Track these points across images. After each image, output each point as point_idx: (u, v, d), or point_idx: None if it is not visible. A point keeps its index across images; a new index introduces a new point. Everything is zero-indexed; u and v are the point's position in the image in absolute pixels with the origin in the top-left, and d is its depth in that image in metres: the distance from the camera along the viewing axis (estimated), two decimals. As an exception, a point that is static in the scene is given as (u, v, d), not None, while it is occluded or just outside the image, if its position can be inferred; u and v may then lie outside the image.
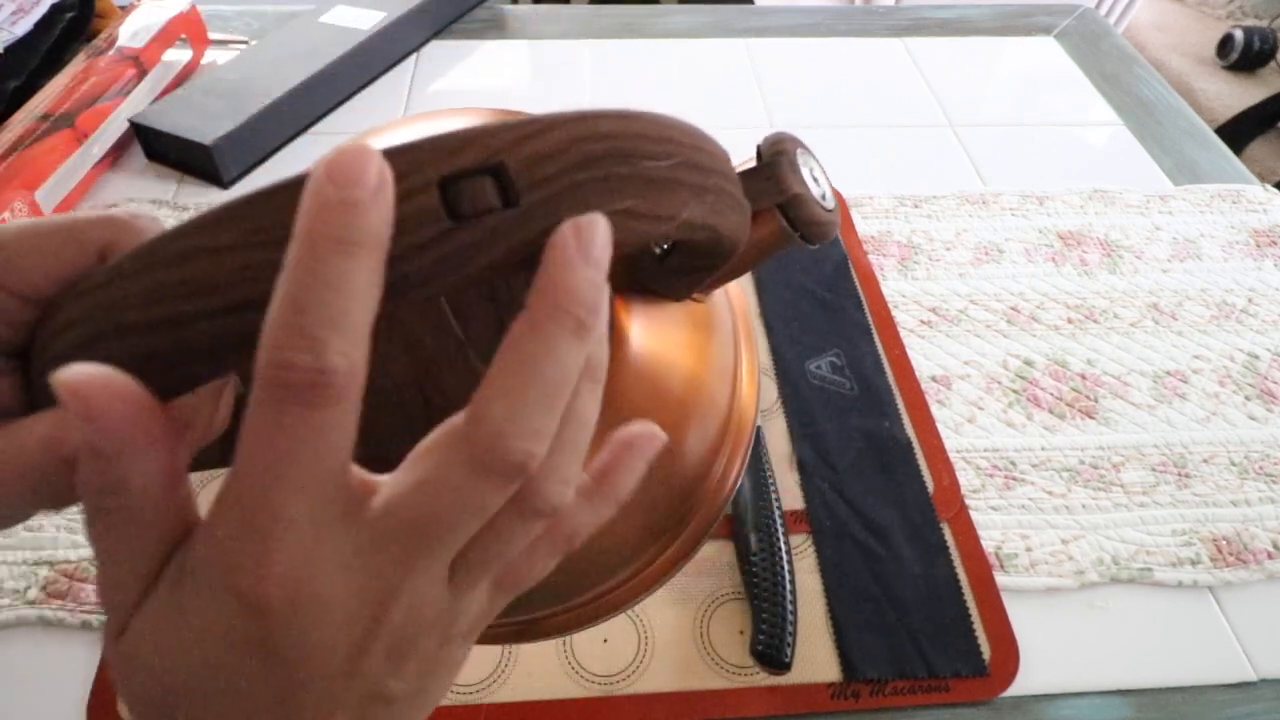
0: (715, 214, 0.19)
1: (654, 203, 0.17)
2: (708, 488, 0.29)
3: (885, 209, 0.63)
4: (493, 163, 0.15)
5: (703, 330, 0.28)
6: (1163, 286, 0.58)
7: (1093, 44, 0.84)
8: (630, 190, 0.16)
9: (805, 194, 0.23)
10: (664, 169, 0.17)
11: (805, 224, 0.23)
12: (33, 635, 0.39)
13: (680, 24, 0.84)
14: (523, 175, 0.15)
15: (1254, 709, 0.39)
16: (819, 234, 0.24)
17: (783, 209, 0.23)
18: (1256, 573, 0.43)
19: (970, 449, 0.48)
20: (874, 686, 0.39)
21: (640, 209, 0.16)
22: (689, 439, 0.27)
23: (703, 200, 0.18)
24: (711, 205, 0.18)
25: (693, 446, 0.27)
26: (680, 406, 0.26)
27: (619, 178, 0.16)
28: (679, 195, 0.17)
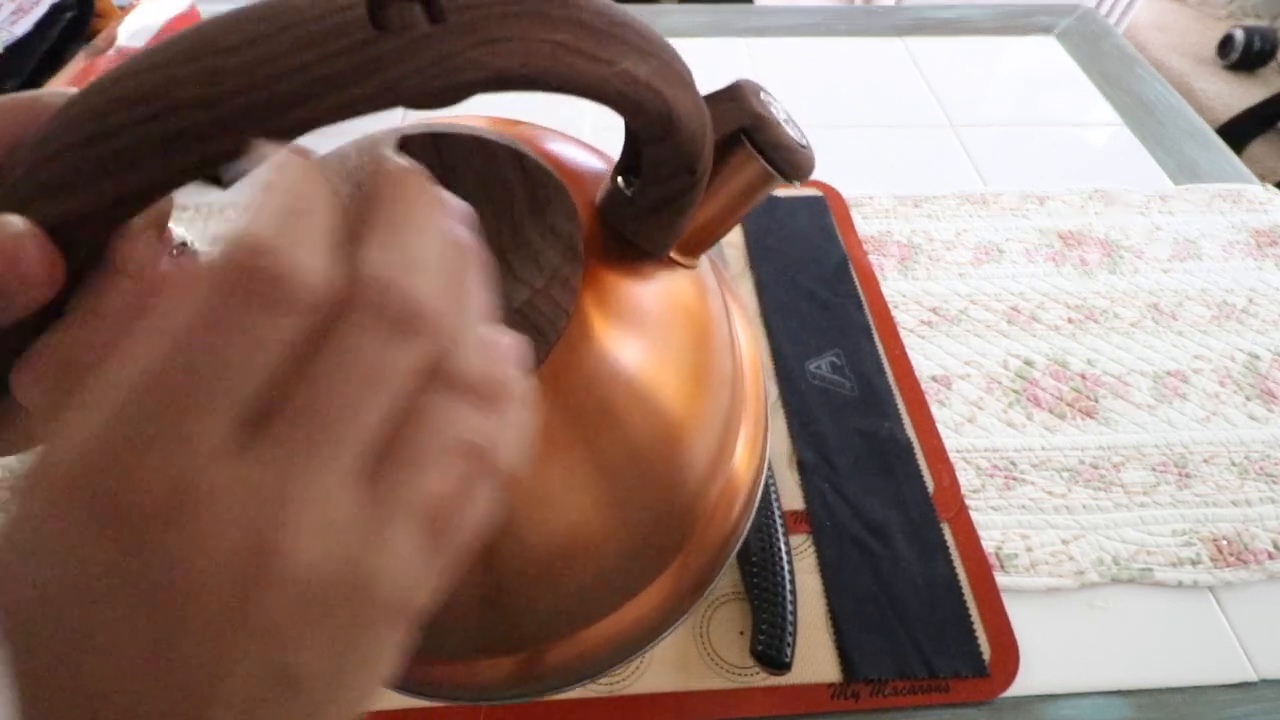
0: (662, 79, 0.18)
1: (591, 43, 0.17)
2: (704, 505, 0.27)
3: (885, 209, 0.63)
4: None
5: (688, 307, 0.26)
6: (1163, 286, 0.58)
7: (1093, 44, 0.84)
8: (564, 27, 0.16)
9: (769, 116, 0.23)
10: (601, 20, 0.17)
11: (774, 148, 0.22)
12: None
13: (680, 23, 0.84)
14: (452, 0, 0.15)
15: (1254, 709, 0.39)
16: (792, 162, 0.23)
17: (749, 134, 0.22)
18: (1257, 573, 0.43)
19: (970, 449, 0.48)
20: (874, 687, 0.38)
21: (576, 44, 0.16)
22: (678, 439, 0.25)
23: (646, 62, 0.18)
24: (656, 69, 0.18)
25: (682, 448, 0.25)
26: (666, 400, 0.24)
27: (552, 15, 0.16)
28: (618, 46, 0.17)
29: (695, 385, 0.25)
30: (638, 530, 0.25)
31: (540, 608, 0.25)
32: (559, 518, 0.23)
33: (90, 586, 0.13)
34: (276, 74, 0.14)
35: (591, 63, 0.17)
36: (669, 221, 0.23)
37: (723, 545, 0.29)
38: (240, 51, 0.14)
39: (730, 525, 0.29)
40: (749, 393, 0.30)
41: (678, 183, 0.21)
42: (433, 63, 0.15)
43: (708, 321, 0.27)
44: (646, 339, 0.24)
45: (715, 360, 0.27)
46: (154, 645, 0.13)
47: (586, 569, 0.25)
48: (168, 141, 0.14)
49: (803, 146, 0.23)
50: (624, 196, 0.23)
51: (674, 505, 0.26)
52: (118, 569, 0.12)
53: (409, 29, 0.15)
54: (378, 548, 0.14)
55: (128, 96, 0.15)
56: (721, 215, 0.24)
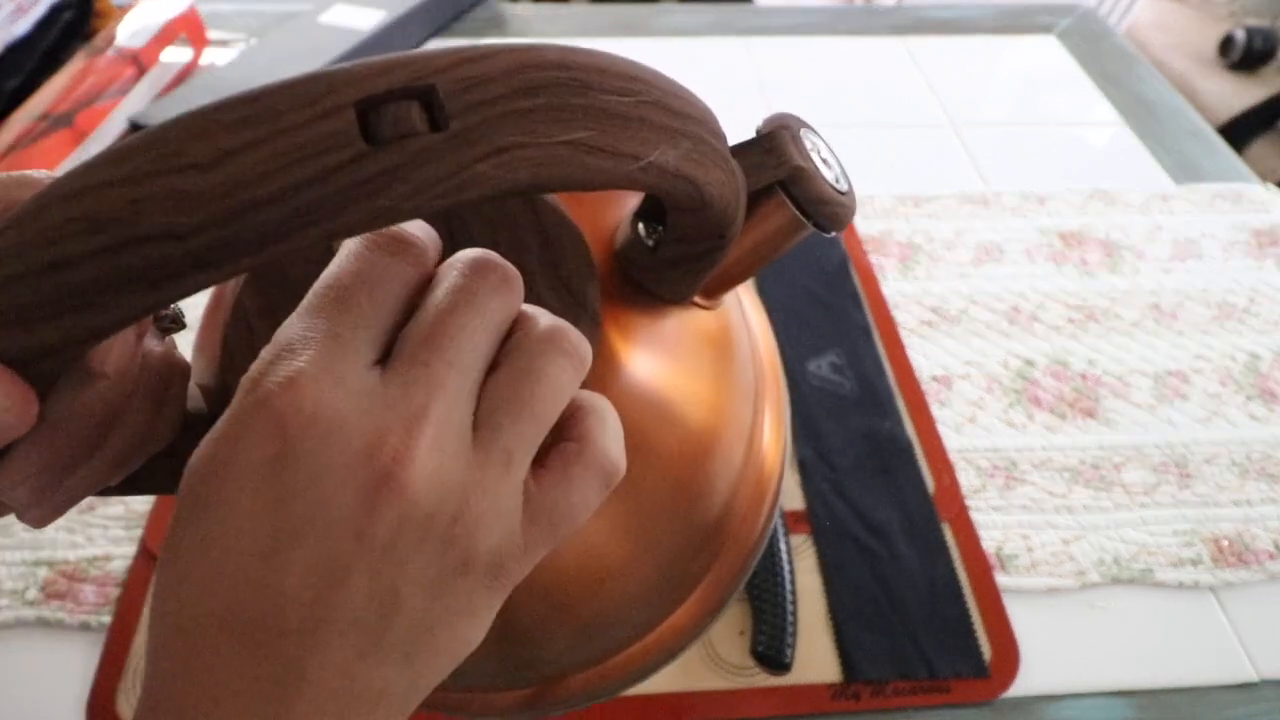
0: (694, 164, 0.16)
1: (614, 137, 0.15)
2: (727, 532, 0.26)
3: (886, 209, 0.63)
4: (421, 85, 0.13)
5: (710, 345, 0.25)
6: (1164, 286, 0.58)
7: (1094, 43, 0.84)
8: (585, 122, 0.14)
9: (809, 168, 0.20)
10: (628, 104, 0.15)
11: (812, 203, 0.21)
12: (32, 636, 0.39)
13: (680, 23, 0.84)
14: (455, 99, 0.13)
15: (1255, 709, 0.39)
16: (830, 215, 0.21)
17: (784, 187, 0.20)
18: (1258, 573, 0.43)
19: (971, 449, 0.48)
20: (874, 687, 0.38)
21: (597, 142, 0.14)
22: (699, 469, 0.24)
23: (676, 145, 0.16)
24: (688, 153, 0.16)
25: (705, 488, 0.24)
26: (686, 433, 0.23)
27: (571, 108, 0.14)
28: (645, 134, 0.15)
29: (718, 413, 0.24)
30: (669, 560, 0.25)
31: (564, 643, 0.25)
32: (589, 560, 0.23)
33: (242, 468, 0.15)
34: (254, 201, 0.13)
35: (614, 160, 0.15)
36: (692, 277, 0.22)
37: (745, 560, 0.28)
38: (212, 170, 0.12)
39: (755, 536, 0.28)
40: (769, 390, 0.29)
41: (704, 245, 0.20)
42: (435, 181, 0.13)
43: (729, 347, 0.25)
44: (666, 381, 0.23)
45: (737, 381, 0.25)
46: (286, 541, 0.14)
47: (615, 605, 0.24)
48: (132, 278, 0.13)
49: (842, 194, 0.21)
50: (644, 246, 0.22)
51: (704, 532, 0.25)
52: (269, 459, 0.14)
53: (406, 139, 0.13)
54: (482, 489, 0.16)
55: (87, 218, 0.13)
56: (748, 262, 0.23)
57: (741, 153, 0.20)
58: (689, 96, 0.17)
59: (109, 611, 0.39)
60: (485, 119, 0.13)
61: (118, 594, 0.40)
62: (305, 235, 0.13)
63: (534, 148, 0.14)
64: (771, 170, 0.20)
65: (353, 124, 0.13)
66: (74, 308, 0.13)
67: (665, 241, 0.21)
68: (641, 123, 0.15)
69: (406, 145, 0.13)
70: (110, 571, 0.41)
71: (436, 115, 0.13)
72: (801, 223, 0.21)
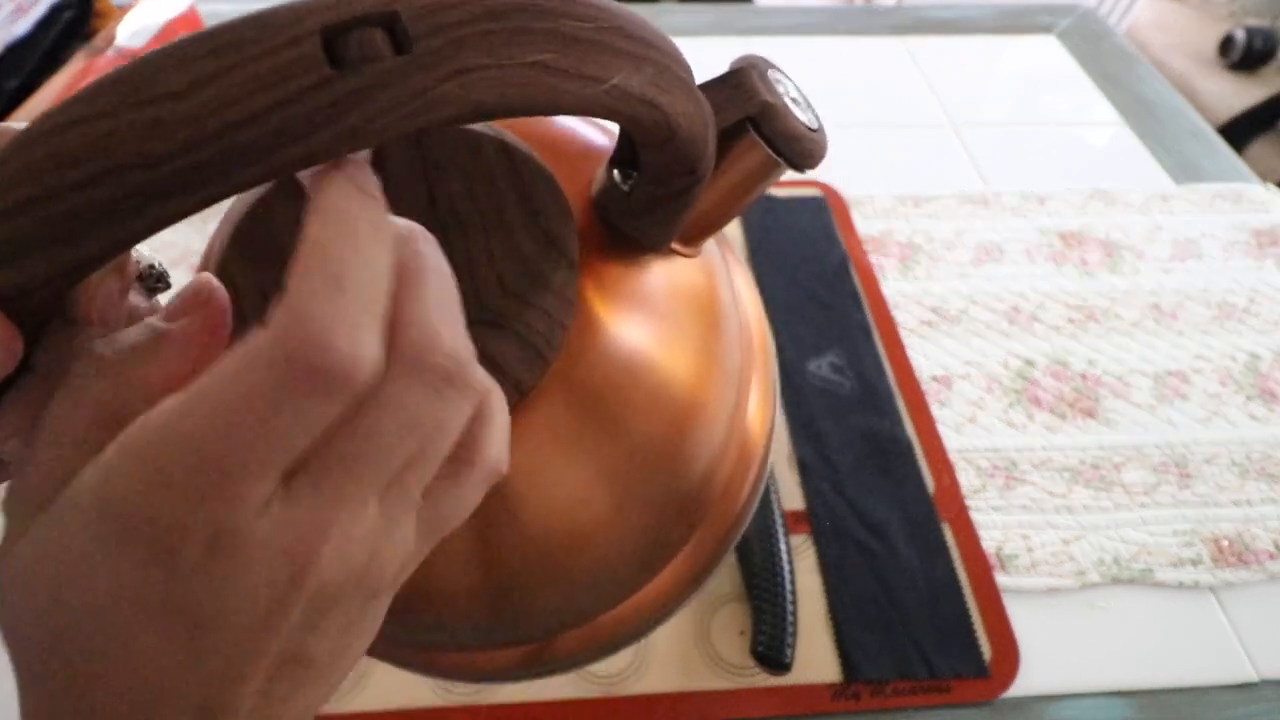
0: (658, 89, 0.17)
1: (576, 59, 0.15)
2: (712, 494, 0.27)
3: (885, 209, 0.63)
4: (384, 11, 0.13)
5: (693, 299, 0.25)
6: (1164, 286, 0.58)
7: (1094, 43, 0.84)
8: (549, 45, 0.14)
9: (778, 103, 0.21)
10: (590, 29, 0.15)
11: (783, 139, 0.21)
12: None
13: (680, 23, 0.84)
14: (418, 23, 0.13)
15: (1255, 709, 0.39)
16: (800, 151, 0.21)
17: (755, 124, 0.20)
18: (1258, 573, 0.43)
19: (971, 449, 0.48)
20: (874, 687, 0.38)
21: (560, 64, 0.15)
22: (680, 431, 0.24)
23: (640, 70, 0.16)
24: (652, 78, 0.16)
25: (688, 445, 0.24)
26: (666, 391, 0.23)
27: (532, 30, 0.14)
28: (608, 58, 0.15)
29: (703, 370, 0.24)
30: (652, 519, 0.25)
31: (553, 600, 0.25)
32: (572, 513, 0.23)
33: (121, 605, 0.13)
34: (226, 125, 0.13)
35: (578, 82, 0.15)
36: (668, 218, 0.22)
37: (732, 523, 0.28)
38: (185, 97, 0.13)
39: (742, 498, 0.28)
40: (757, 358, 0.29)
41: (678, 183, 0.20)
42: (400, 102, 0.13)
43: (712, 302, 0.26)
44: (649, 332, 0.23)
45: (722, 339, 0.26)
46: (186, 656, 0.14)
47: (600, 560, 0.24)
48: (111, 207, 0.13)
49: (813, 131, 0.21)
50: (620, 192, 0.22)
51: (688, 491, 0.25)
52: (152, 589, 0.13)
53: (371, 62, 0.13)
54: (389, 547, 0.15)
55: (65, 153, 0.13)
56: (724, 205, 0.23)
57: (709, 89, 0.20)
58: (652, 27, 0.17)
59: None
60: (447, 41, 0.14)
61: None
62: (277, 158, 0.13)
63: (497, 69, 0.14)
64: (740, 106, 0.20)
65: (318, 49, 0.13)
66: (56, 239, 0.13)
67: (640, 184, 0.21)
68: (604, 47, 0.15)
69: (371, 68, 0.13)
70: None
71: (400, 40, 0.13)
72: (774, 160, 0.21)
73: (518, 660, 0.28)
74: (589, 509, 0.23)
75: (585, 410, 0.22)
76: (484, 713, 0.37)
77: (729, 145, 0.21)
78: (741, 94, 0.20)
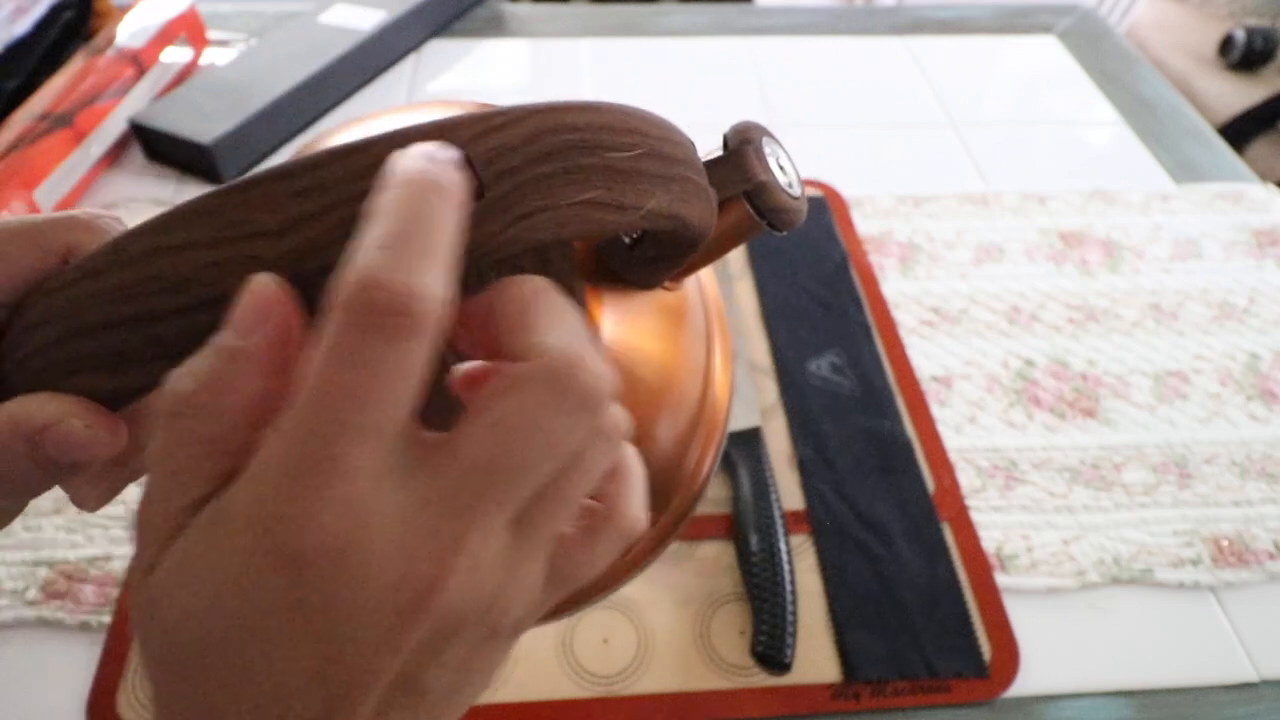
0: (681, 203, 0.19)
1: (619, 193, 0.17)
2: (684, 473, 0.30)
3: (885, 209, 0.63)
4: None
5: (674, 319, 0.28)
6: (1164, 286, 0.58)
7: (1094, 43, 0.84)
8: (595, 181, 0.16)
9: (770, 181, 0.23)
10: (628, 160, 0.17)
11: (771, 211, 0.23)
12: (32, 635, 0.39)
13: (680, 23, 0.84)
14: (487, 168, 0.15)
15: (1255, 710, 0.39)
16: (785, 220, 0.24)
17: (749, 196, 0.23)
18: (1258, 573, 0.43)
19: (971, 449, 0.48)
20: (874, 687, 0.38)
21: (605, 199, 0.17)
22: (663, 426, 0.27)
23: (668, 190, 0.18)
24: (677, 194, 0.19)
25: (667, 432, 0.27)
26: (653, 395, 0.26)
27: (583, 169, 0.16)
28: (644, 185, 0.17)
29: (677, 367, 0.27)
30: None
31: None
32: None
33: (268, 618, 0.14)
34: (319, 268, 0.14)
35: (619, 212, 0.17)
36: (664, 271, 0.24)
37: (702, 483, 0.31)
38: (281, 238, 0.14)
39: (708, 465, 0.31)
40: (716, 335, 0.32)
41: (680, 250, 0.22)
42: (476, 244, 0.15)
43: (687, 311, 0.28)
44: (635, 344, 0.25)
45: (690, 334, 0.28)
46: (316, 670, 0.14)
47: None
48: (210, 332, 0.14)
49: (795, 199, 0.24)
50: (622, 246, 0.24)
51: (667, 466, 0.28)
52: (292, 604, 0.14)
53: None
54: (516, 583, 0.16)
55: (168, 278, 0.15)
56: (709, 255, 0.25)
57: (712, 168, 0.22)
58: (677, 138, 0.19)
59: (109, 611, 0.39)
60: (513, 186, 0.15)
61: (118, 594, 0.40)
62: None
63: (554, 210, 0.16)
64: (738, 184, 0.23)
65: None
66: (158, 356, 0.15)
67: (645, 244, 0.23)
68: (641, 175, 0.17)
69: None
70: (110, 571, 0.41)
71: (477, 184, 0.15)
72: (760, 225, 0.24)
73: None
74: None
75: None
76: (483, 712, 0.37)
77: (722, 209, 0.23)
78: (740, 174, 0.23)
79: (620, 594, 0.41)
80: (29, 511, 0.42)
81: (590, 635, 0.39)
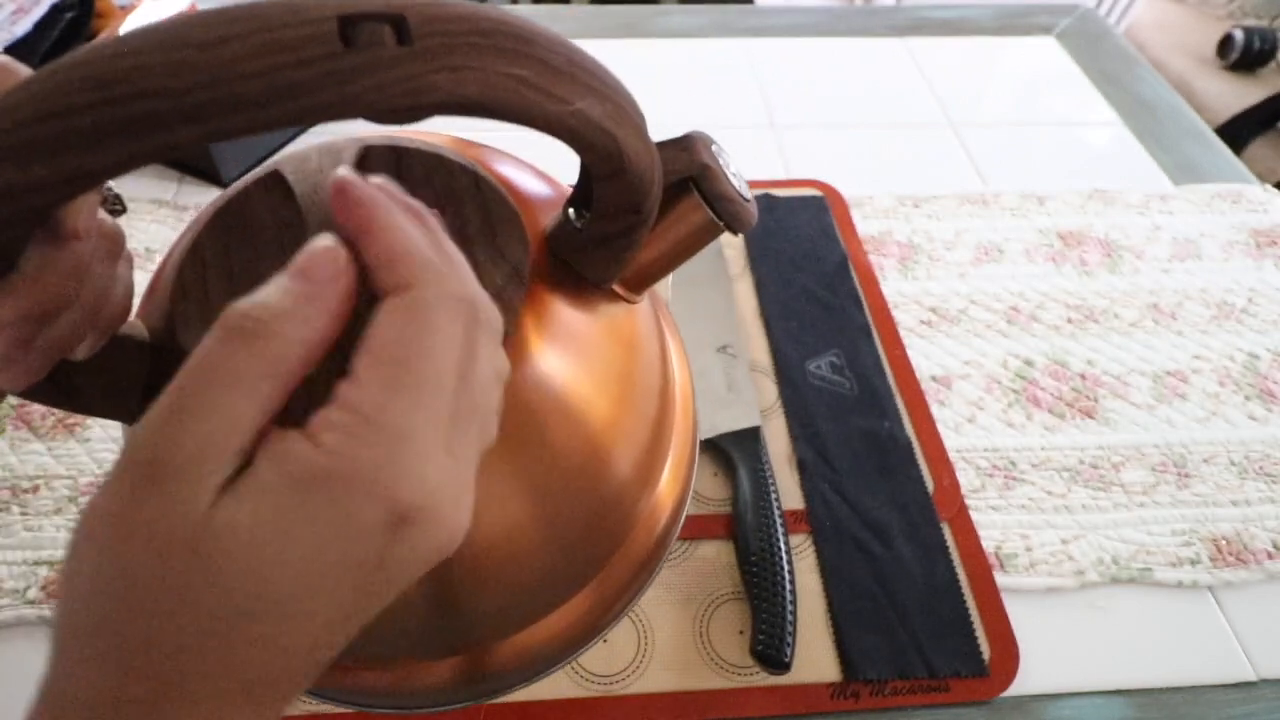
0: (615, 122, 0.19)
1: (549, 80, 0.17)
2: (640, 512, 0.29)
3: (885, 209, 0.63)
4: (394, 13, 0.16)
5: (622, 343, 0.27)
6: (1163, 286, 0.58)
7: (1093, 44, 0.84)
8: (526, 64, 0.17)
9: (716, 167, 0.24)
10: (560, 60, 0.18)
11: (718, 199, 0.24)
12: (33, 635, 0.39)
13: (680, 24, 0.84)
14: (421, 27, 0.16)
15: (1254, 709, 0.39)
16: (733, 212, 0.24)
17: (697, 184, 0.24)
18: (1256, 573, 0.43)
19: (970, 449, 0.48)
20: (874, 687, 0.39)
21: (534, 80, 0.17)
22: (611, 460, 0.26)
23: (601, 103, 0.19)
24: (610, 112, 0.19)
25: (615, 469, 0.27)
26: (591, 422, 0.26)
27: (516, 51, 0.17)
28: (574, 87, 0.18)
29: (624, 412, 0.27)
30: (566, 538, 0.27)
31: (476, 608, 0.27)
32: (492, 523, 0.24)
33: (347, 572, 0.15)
34: (242, 74, 0.15)
35: (549, 99, 0.17)
36: (614, 255, 0.25)
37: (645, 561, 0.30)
38: (210, 49, 0.15)
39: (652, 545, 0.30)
40: (678, 426, 0.31)
41: (624, 220, 0.23)
42: (395, 82, 0.16)
43: (642, 353, 0.28)
44: (580, 363, 0.25)
45: (645, 391, 0.28)
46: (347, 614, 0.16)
47: (519, 573, 0.26)
48: (128, 125, 0.15)
49: (746, 200, 0.25)
50: (573, 228, 0.25)
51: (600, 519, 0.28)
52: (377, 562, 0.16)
53: (376, 47, 0.15)
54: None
55: (95, 77, 0.15)
56: (665, 257, 0.26)
57: (661, 146, 0.23)
58: (613, 75, 0.20)
59: (110, 611, 0.39)
60: (444, 44, 0.16)
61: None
62: (282, 107, 0.15)
63: (482, 72, 0.16)
64: (685, 163, 0.24)
65: (334, 31, 0.15)
66: (73, 147, 0.15)
67: (591, 220, 0.24)
68: (572, 78, 0.18)
69: (375, 51, 0.15)
70: (111, 571, 0.41)
71: (403, 36, 0.16)
72: (710, 220, 0.24)
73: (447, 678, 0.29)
74: (512, 514, 0.25)
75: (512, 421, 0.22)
76: (484, 712, 0.37)
77: (673, 202, 0.24)
78: (688, 154, 0.24)
79: (620, 593, 0.41)
80: (29, 511, 0.42)
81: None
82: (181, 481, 0.15)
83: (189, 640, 0.15)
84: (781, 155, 0.68)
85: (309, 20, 0.15)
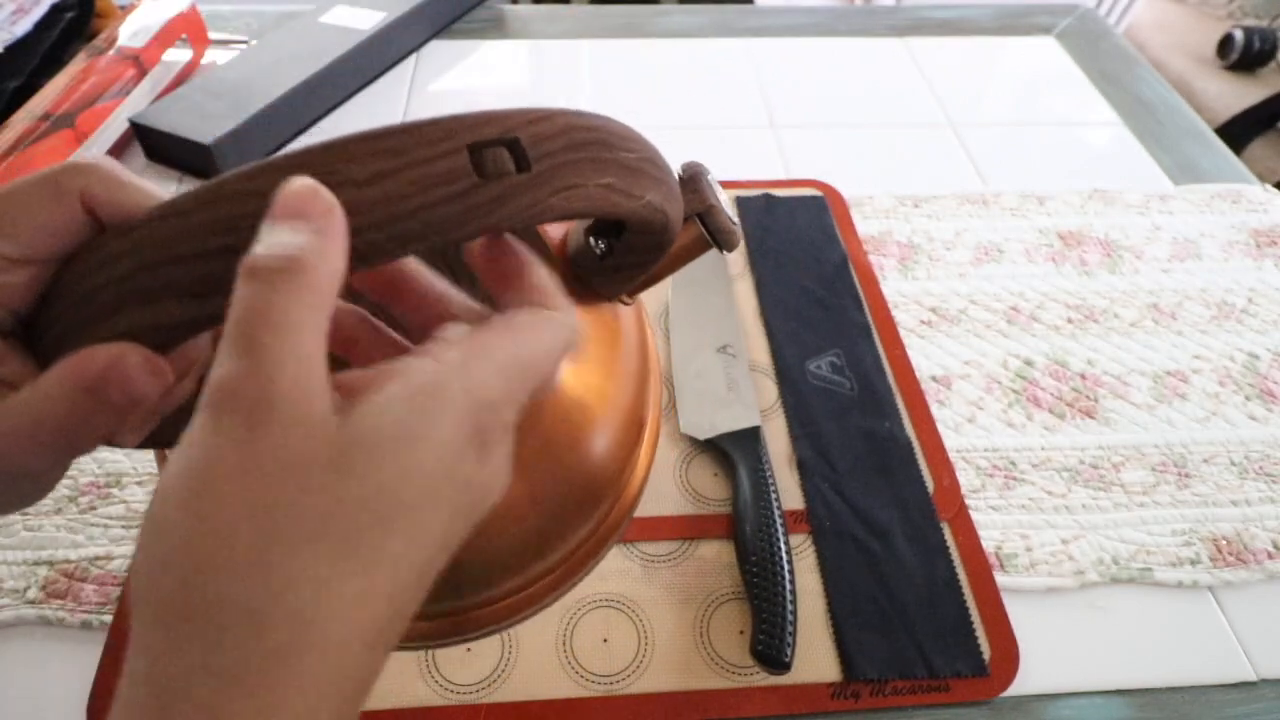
0: (668, 202, 0.23)
1: (629, 183, 0.21)
2: (621, 482, 0.31)
3: (885, 209, 0.63)
4: (509, 137, 0.18)
5: (610, 333, 0.30)
6: (1163, 286, 0.58)
7: (1093, 44, 0.84)
8: (611, 170, 0.20)
9: (719, 205, 0.28)
10: (635, 159, 0.21)
11: (718, 231, 0.28)
12: (33, 635, 0.39)
13: (680, 24, 0.84)
14: (532, 149, 0.18)
15: (1254, 709, 0.39)
16: (729, 241, 0.28)
17: (701, 218, 0.28)
18: (1256, 573, 0.43)
19: (970, 449, 0.48)
20: (874, 686, 0.39)
21: (619, 186, 0.20)
22: (597, 436, 0.29)
23: (658, 189, 0.22)
24: (665, 194, 0.23)
25: (599, 443, 0.29)
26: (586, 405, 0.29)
27: (604, 160, 0.20)
28: (646, 181, 0.21)
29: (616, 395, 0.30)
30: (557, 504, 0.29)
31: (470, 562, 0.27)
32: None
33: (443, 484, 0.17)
34: (402, 213, 0.17)
35: (628, 199, 0.21)
36: (629, 279, 0.28)
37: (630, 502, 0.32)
38: (367, 187, 0.17)
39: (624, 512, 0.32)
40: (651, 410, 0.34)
41: (645, 256, 0.26)
42: (523, 209, 0.18)
43: (630, 345, 0.32)
44: (587, 362, 0.28)
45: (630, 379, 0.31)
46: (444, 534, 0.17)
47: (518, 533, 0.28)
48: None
49: (734, 225, 0.29)
50: (594, 255, 0.28)
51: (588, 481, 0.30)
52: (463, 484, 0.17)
53: (505, 176, 0.18)
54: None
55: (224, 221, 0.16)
56: (664, 270, 0.29)
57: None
58: (661, 155, 0.23)
59: (110, 610, 0.39)
60: (551, 166, 0.19)
61: (119, 593, 0.40)
62: (433, 240, 0.17)
63: (583, 188, 0.19)
64: (694, 205, 0.27)
65: (468, 162, 0.18)
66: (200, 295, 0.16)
67: (616, 252, 0.27)
68: (643, 173, 0.21)
69: (505, 180, 0.18)
70: (111, 570, 0.41)
71: (520, 159, 0.18)
72: (708, 244, 0.28)
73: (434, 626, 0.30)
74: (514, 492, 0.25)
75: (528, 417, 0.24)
76: (484, 711, 0.37)
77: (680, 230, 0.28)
78: (697, 197, 0.27)
79: (620, 593, 0.41)
80: (29, 511, 0.42)
81: (590, 635, 0.40)
82: (299, 408, 0.15)
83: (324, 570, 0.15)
84: (781, 155, 0.68)
85: (444, 152, 0.17)
